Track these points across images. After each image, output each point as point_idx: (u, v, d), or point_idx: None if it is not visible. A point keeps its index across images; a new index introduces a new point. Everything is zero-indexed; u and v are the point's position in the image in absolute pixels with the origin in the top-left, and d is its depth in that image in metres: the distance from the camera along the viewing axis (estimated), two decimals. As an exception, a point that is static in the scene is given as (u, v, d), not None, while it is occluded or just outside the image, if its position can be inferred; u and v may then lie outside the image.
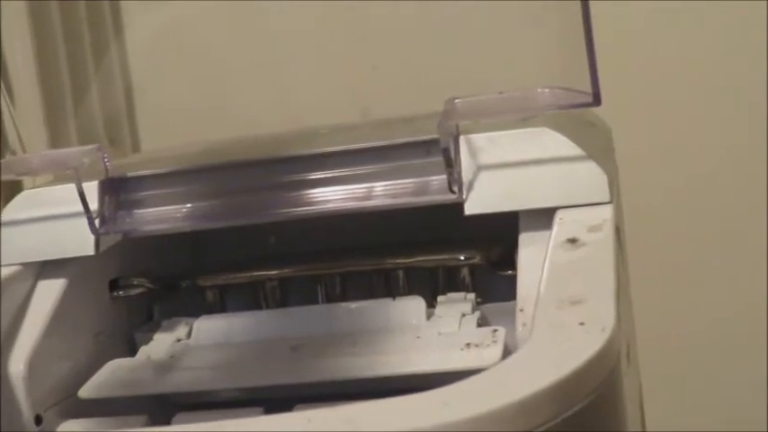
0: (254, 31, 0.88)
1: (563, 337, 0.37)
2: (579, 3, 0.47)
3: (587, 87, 0.48)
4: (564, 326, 0.38)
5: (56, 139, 0.93)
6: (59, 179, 0.59)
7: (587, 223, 0.48)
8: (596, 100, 0.46)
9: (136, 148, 1.00)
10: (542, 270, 0.45)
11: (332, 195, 0.55)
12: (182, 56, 0.92)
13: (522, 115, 0.51)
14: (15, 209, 0.58)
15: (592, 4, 0.47)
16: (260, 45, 0.88)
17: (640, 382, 0.62)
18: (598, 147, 0.57)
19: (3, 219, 0.58)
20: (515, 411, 0.33)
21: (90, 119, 0.96)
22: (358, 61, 0.83)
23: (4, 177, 0.55)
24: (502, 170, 0.51)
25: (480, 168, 0.51)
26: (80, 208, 0.55)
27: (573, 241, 0.46)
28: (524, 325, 0.47)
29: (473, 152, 0.52)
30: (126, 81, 0.98)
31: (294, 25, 0.86)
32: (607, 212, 0.49)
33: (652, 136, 0.95)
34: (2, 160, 0.57)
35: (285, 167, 0.56)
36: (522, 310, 0.48)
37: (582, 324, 0.38)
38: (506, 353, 0.48)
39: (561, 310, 0.39)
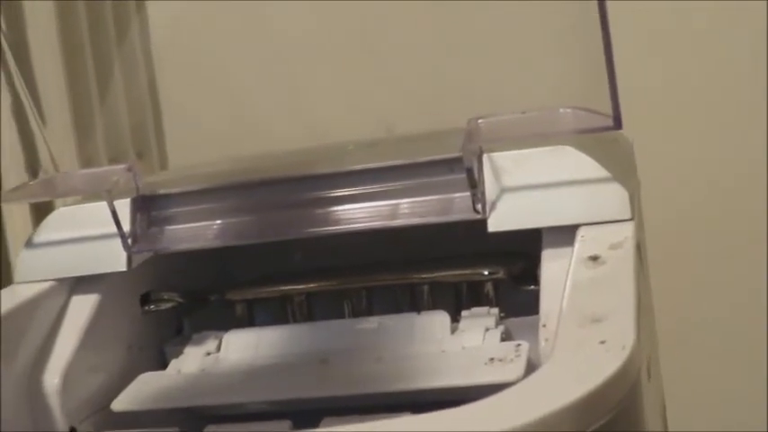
0: (280, 50, 0.90)
1: (584, 356, 0.38)
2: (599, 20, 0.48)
3: (608, 104, 0.49)
4: (585, 344, 0.39)
5: (84, 152, 0.94)
6: (92, 195, 0.60)
7: (609, 240, 0.49)
8: (617, 123, 0.47)
9: (163, 160, 1.01)
10: (564, 287, 0.46)
11: (358, 213, 0.56)
12: (208, 72, 0.93)
13: (543, 136, 0.52)
14: (50, 226, 0.59)
15: (612, 20, 0.48)
16: (286, 64, 0.89)
17: (663, 396, 0.63)
18: (619, 163, 0.57)
19: (39, 236, 0.59)
20: (537, 429, 0.34)
21: (118, 132, 0.98)
22: (382, 80, 0.84)
23: (35, 200, 0.56)
24: (524, 188, 0.52)
25: (503, 187, 0.52)
26: (113, 226, 0.56)
27: (594, 259, 0.47)
28: (547, 340, 0.48)
29: (496, 171, 0.53)
30: (153, 95, 1.00)
31: (319, 44, 0.87)
32: (628, 230, 0.50)
33: (674, 150, 0.96)
34: (34, 183, 0.58)
35: (313, 185, 0.57)
36: (544, 326, 0.49)
37: (603, 342, 0.39)
38: (530, 367, 0.49)
39: (582, 328, 0.40)
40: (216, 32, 0.92)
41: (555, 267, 0.51)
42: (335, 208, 0.56)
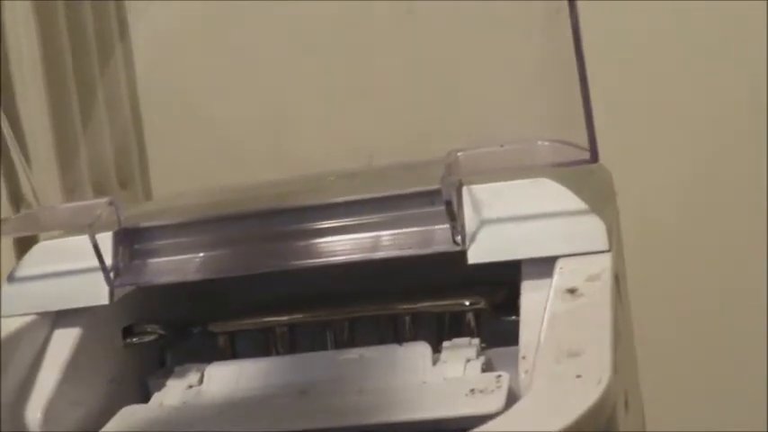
0: (263, 81, 0.90)
1: (560, 390, 0.38)
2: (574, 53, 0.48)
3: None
4: (561, 378, 0.39)
5: (67, 183, 0.94)
6: (74, 228, 0.61)
7: (586, 272, 0.49)
8: (594, 157, 0.48)
9: (147, 190, 1.01)
10: (542, 319, 0.46)
11: (339, 245, 0.56)
12: (191, 102, 0.94)
13: (522, 169, 0.52)
14: (32, 260, 0.59)
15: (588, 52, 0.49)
16: (268, 94, 0.90)
17: (643, 425, 0.63)
18: (598, 194, 0.58)
19: (21, 270, 0.59)
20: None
21: (102, 162, 0.98)
22: (363, 111, 0.85)
23: (17, 234, 0.57)
24: (503, 220, 0.53)
25: (482, 218, 0.53)
26: (95, 260, 0.56)
27: (572, 291, 0.47)
28: (526, 372, 0.48)
29: (475, 203, 0.53)
30: (137, 125, 1.00)
31: (301, 76, 0.88)
32: (606, 261, 0.50)
33: (654, 178, 0.96)
34: (15, 217, 0.59)
35: (294, 218, 0.57)
36: (524, 358, 0.49)
37: (579, 377, 0.39)
38: (511, 397, 0.50)
39: (559, 363, 0.40)
40: (199, 63, 0.92)
41: (534, 299, 0.51)
42: (317, 240, 0.57)
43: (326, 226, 0.57)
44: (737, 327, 1.00)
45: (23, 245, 0.65)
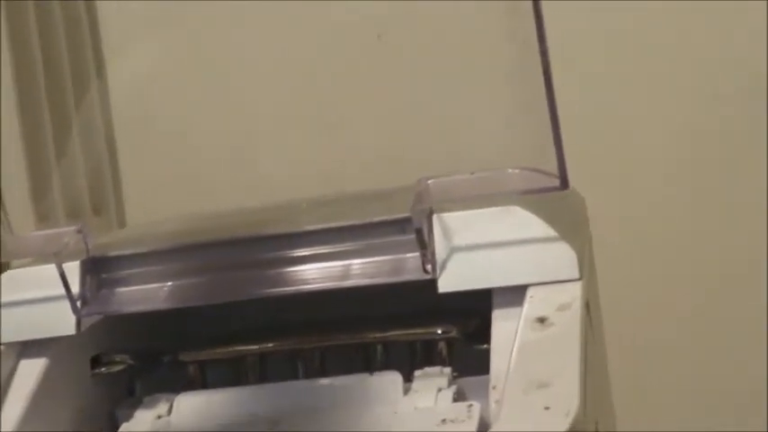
0: (235, 111, 0.91)
1: (528, 422, 0.38)
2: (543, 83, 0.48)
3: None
4: (529, 410, 0.39)
5: (41, 210, 0.94)
6: (42, 256, 0.60)
7: (557, 301, 0.49)
8: (564, 184, 0.48)
9: (121, 217, 1.01)
10: (512, 349, 0.46)
11: (310, 274, 0.56)
12: (166, 130, 0.94)
13: (492, 196, 0.52)
14: (-1, 289, 0.59)
15: (557, 75, 0.49)
16: (241, 124, 0.90)
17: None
18: (569, 220, 0.58)
19: (-15, 299, 0.58)
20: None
21: (75, 189, 0.97)
22: (334, 140, 0.85)
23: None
24: (474, 248, 0.52)
25: (453, 247, 0.53)
26: (62, 289, 0.56)
27: (542, 321, 0.47)
28: (497, 402, 0.48)
29: (446, 231, 0.53)
30: (111, 152, 1.00)
31: (273, 106, 0.88)
32: (576, 290, 0.50)
33: (628, 202, 0.97)
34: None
35: (264, 246, 0.57)
36: (494, 387, 0.49)
37: (547, 408, 0.38)
38: (483, 426, 0.49)
39: (528, 394, 0.40)
40: (173, 94, 0.92)
41: (505, 328, 0.51)
42: (287, 269, 0.56)
43: (297, 254, 0.56)
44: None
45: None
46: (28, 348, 0.58)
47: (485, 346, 0.55)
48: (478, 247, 0.52)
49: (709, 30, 0.95)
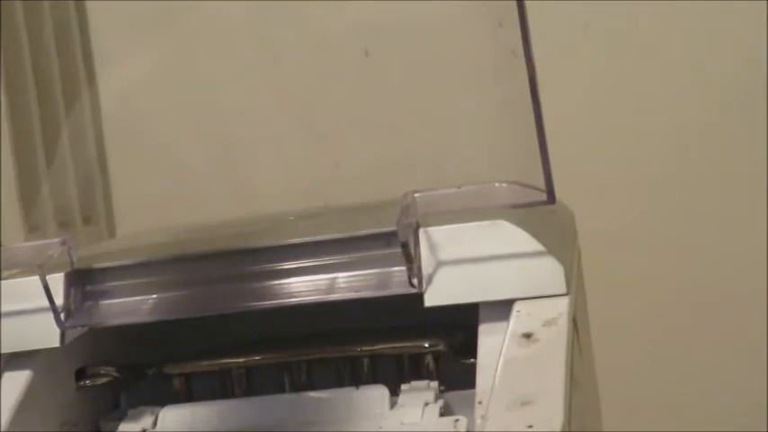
0: (224, 122, 0.90)
1: (511, 441, 0.38)
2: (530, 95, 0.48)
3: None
4: (513, 428, 0.38)
5: (31, 220, 0.94)
6: (27, 268, 0.60)
7: (543, 316, 0.49)
8: (551, 198, 0.47)
9: (111, 227, 1.01)
10: (497, 365, 0.45)
11: (295, 287, 0.55)
12: (156, 141, 0.94)
13: (479, 210, 0.52)
14: (-17, 301, 0.58)
15: (544, 88, 0.48)
16: (230, 135, 0.90)
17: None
18: (557, 235, 0.58)
19: (-32, 311, 0.58)
20: None
21: (65, 199, 0.97)
22: (321, 154, 0.85)
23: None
24: (460, 263, 0.52)
25: (439, 261, 0.52)
26: (46, 301, 0.55)
27: (527, 336, 0.47)
28: (482, 417, 0.47)
29: (432, 245, 0.52)
30: (102, 162, 1.00)
31: (262, 118, 0.88)
32: (563, 305, 0.50)
33: (617, 215, 0.97)
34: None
35: (249, 259, 0.57)
36: (480, 403, 0.48)
37: (530, 427, 0.38)
38: (469, 441, 0.49)
39: (511, 412, 0.40)
40: (163, 103, 0.92)
41: (491, 342, 0.50)
42: (272, 282, 0.56)
43: (283, 267, 0.56)
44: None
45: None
46: (12, 360, 0.57)
47: (472, 360, 0.55)
48: (465, 261, 0.52)
49: (701, 39, 0.95)
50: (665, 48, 0.95)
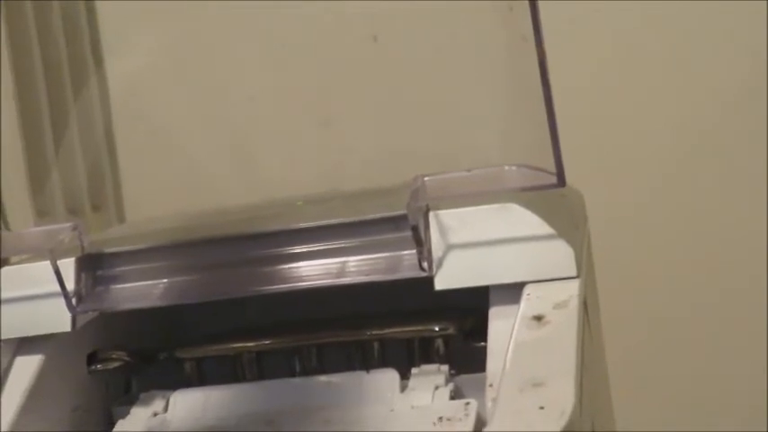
0: (233, 107, 0.90)
1: (523, 422, 0.38)
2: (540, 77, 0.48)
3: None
4: (525, 409, 0.38)
5: (40, 206, 0.94)
6: (38, 253, 0.60)
7: (554, 299, 0.49)
8: (561, 181, 0.47)
9: (120, 213, 1.01)
10: (508, 347, 0.45)
11: (306, 271, 0.55)
12: (165, 127, 0.94)
13: (489, 194, 0.52)
14: (-7, 286, 0.59)
15: (554, 71, 0.48)
16: (239, 120, 0.90)
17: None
18: (567, 218, 0.57)
19: (-20, 296, 0.58)
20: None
21: (74, 185, 0.97)
22: (330, 139, 0.85)
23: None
24: (470, 246, 0.52)
25: (449, 244, 0.52)
26: (57, 286, 0.55)
27: (538, 319, 0.47)
28: (493, 400, 0.47)
29: (442, 228, 0.52)
30: (111, 148, 1.00)
31: (271, 102, 0.88)
32: (574, 288, 0.50)
33: (627, 199, 0.97)
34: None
35: (260, 243, 0.57)
36: (491, 386, 0.48)
37: (542, 408, 0.38)
38: (480, 424, 0.49)
39: (523, 393, 0.40)
40: (172, 89, 0.92)
41: (501, 326, 0.50)
42: (283, 266, 0.56)
43: (293, 251, 0.56)
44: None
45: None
46: (24, 345, 0.57)
47: (482, 343, 0.55)
48: (475, 244, 0.52)
49: (710, 24, 0.95)
50: (676, 30, 0.95)
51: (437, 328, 0.59)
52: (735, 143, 0.96)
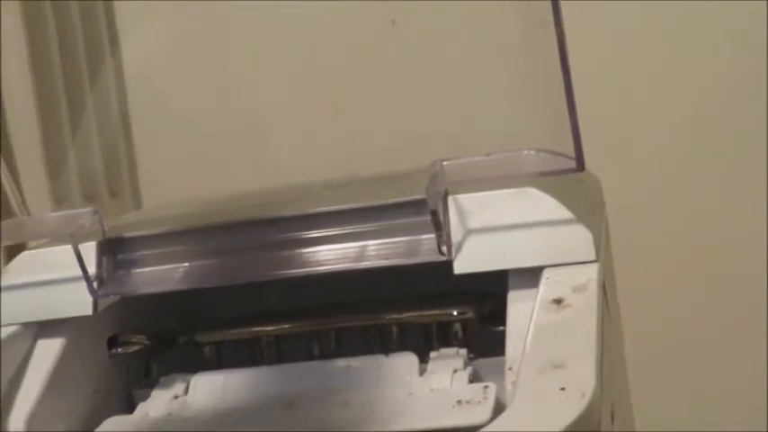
0: (249, 93, 0.90)
1: (544, 403, 0.38)
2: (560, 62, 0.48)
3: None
4: (545, 391, 0.39)
5: (56, 192, 0.94)
6: (58, 237, 0.60)
7: (573, 283, 0.49)
8: (580, 165, 0.47)
9: (137, 199, 1.01)
10: (528, 330, 0.46)
11: (325, 255, 0.56)
12: (180, 112, 0.94)
13: (507, 178, 0.52)
14: (16, 270, 0.59)
15: (574, 57, 0.48)
16: (255, 106, 0.90)
17: (632, 433, 0.63)
18: (585, 202, 0.58)
19: (4, 280, 0.59)
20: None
21: (91, 172, 0.97)
22: (348, 124, 0.85)
23: (3, 243, 0.56)
24: (489, 230, 0.52)
25: (468, 229, 0.52)
26: (78, 270, 0.56)
27: (558, 302, 0.47)
28: (513, 383, 0.48)
29: (461, 213, 0.53)
30: (127, 134, 1.00)
31: (288, 88, 0.88)
32: (592, 271, 0.50)
33: (643, 184, 0.97)
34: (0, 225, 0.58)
35: (279, 227, 0.57)
36: (510, 369, 0.49)
37: (563, 389, 0.38)
38: (499, 408, 0.49)
39: (543, 375, 0.40)
40: (188, 74, 0.92)
41: (520, 309, 0.50)
42: (302, 250, 0.56)
43: (312, 236, 0.56)
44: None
45: (11, 254, 0.65)
46: (45, 329, 0.58)
47: (500, 327, 0.55)
48: (494, 228, 0.52)
49: (729, 10, 0.95)
50: (694, 13, 0.94)
51: (455, 313, 0.59)
52: (753, 129, 0.96)
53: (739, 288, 0.99)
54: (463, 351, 0.57)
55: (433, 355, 0.57)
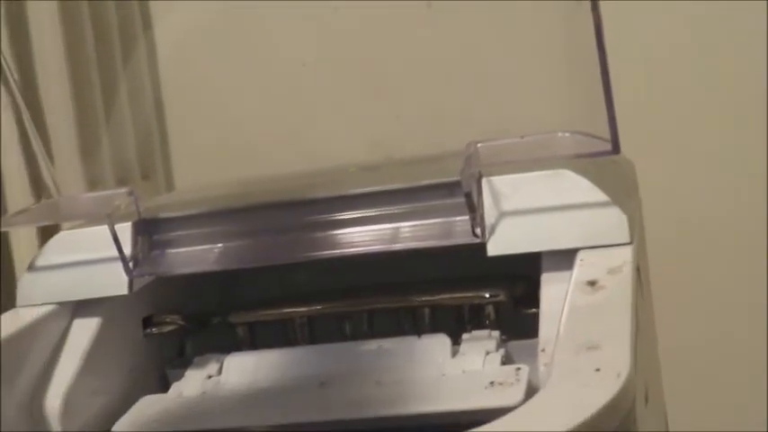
0: (283, 74, 0.90)
1: (579, 384, 0.38)
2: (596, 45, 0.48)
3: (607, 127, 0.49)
4: (580, 372, 0.39)
5: (90, 175, 0.95)
6: (94, 218, 0.61)
7: (607, 265, 0.49)
8: (615, 148, 0.47)
9: (169, 181, 1.02)
10: (562, 312, 0.46)
11: (359, 237, 0.56)
12: (213, 95, 0.94)
13: (542, 160, 0.52)
14: (52, 250, 0.60)
15: (610, 39, 0.48)
16: (289, 87, 0.90)
17: (665, 417, 0.63)
18: (619, 185, 0.57)
19: (40, 260, 0.59)
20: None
21: (124, 154, 0.98)
22: (383, 107, 0.85)
23: (37, 224, 0.57)
24: (523, 212, 0.52)
25: (502, 210, 0.53)
26: (114, 250, 0.56)
27: (592, 284, 0.47)
28: (546, 365, 0.48)
29: (495, 195, 0.53)
30: (160, 117, 1.01)
31: (322, 69, 0.88)
32: (627, 254, 0.50)
33: (677, 168, 0.96)
34: (35, 206, 0.59)
35: (313, 209, 0.57)
36: (543, 351, 0.49)
37: (598, 370, 0.38)
38: (531, 390, 0.49)
39: (578, 356, 0.40)
40: (221, 57, 0.92)
41: (554, 291, 0.51)
42: (336, 231, 0.57)
43: (346, 217, 0.57)
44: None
45: (47, 235, 0.65)
46: (81, 308, 0.59)
47: (533, 310, 0.55)
48: (528, 210, 0.52)
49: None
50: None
51: (488, 295, 0.59)
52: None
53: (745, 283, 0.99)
54: (495, 333, 0.57)
55: (465, 336, 0.57)
